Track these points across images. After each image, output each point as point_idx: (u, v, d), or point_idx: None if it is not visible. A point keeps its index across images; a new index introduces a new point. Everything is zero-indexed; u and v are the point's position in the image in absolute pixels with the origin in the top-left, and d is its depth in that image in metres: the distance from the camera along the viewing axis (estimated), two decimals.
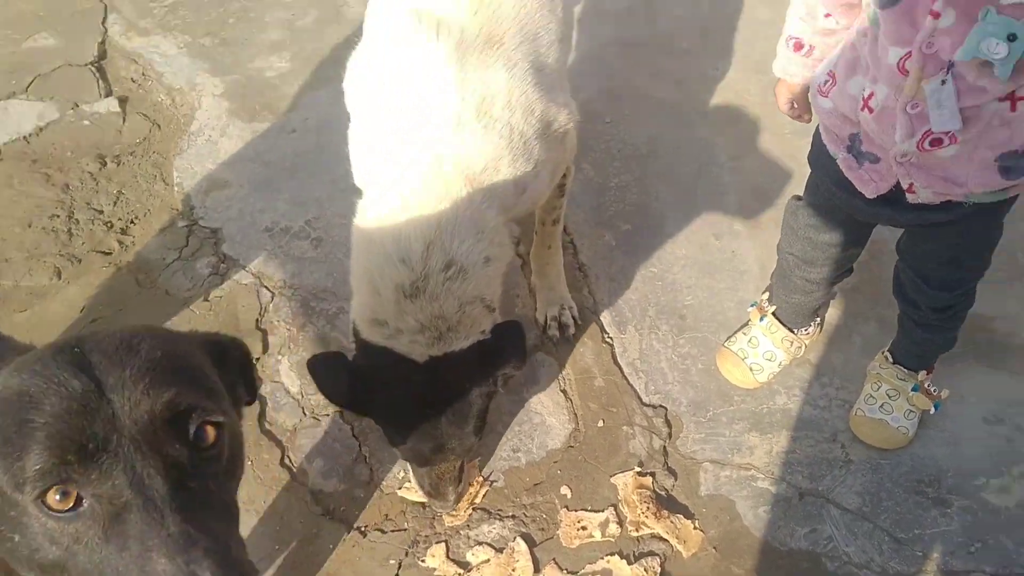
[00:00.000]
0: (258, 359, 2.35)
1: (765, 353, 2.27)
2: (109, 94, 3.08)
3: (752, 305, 2.35)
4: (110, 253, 2.60)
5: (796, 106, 1.97)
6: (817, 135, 1.89)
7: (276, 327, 2.43)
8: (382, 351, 1.80)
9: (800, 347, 2.29)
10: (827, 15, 1.75)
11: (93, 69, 3.16)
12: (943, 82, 1.54)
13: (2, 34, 3.31)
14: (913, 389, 2.14)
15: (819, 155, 1.89)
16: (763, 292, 2.34)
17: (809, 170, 1.99)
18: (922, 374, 2.14)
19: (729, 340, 2.33)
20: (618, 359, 2.37)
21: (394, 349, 1.79)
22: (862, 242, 2.05)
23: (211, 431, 1.06)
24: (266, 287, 2.51)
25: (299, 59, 3.19)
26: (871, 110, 1.66)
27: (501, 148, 1.79)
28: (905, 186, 1.73)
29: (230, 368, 1.25)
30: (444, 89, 1.75)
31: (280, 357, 2.36)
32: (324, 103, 3.01)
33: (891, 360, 2.17)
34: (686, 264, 2.57)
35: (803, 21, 1.80)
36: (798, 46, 1.85)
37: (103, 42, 3.27)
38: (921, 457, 2.15)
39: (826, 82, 1.77)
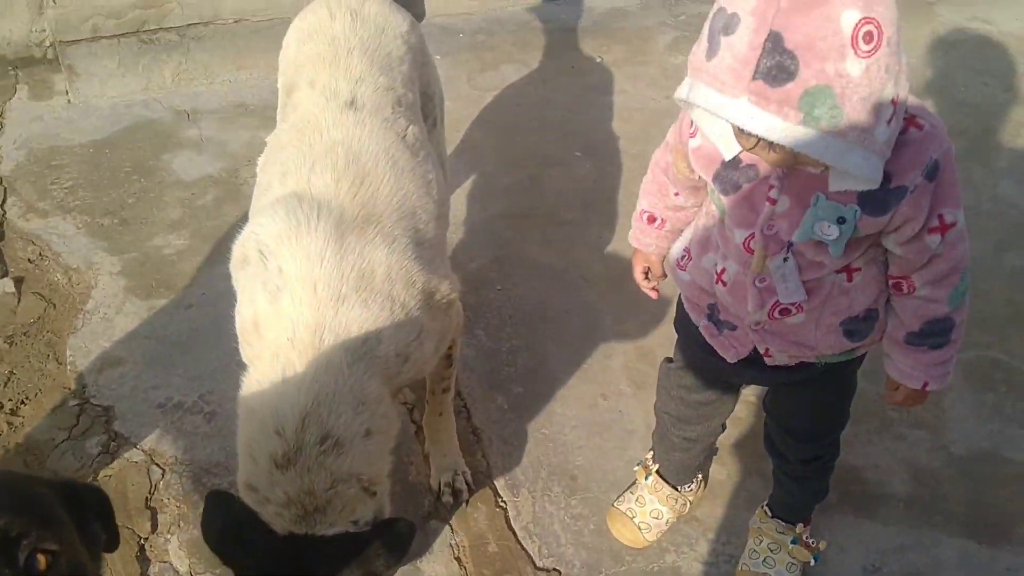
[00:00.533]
0: (146, 539, 2.32)
1: (652, 511, 2.33)
2: (5, 275, 3.09)
3: (638, 464, 2.43)
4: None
5: (649, 277, 2.10)
6: (680, 303, 2.03)
7: (166, 505, 2.40)
8: (252, 520, 1.76)
9: (685, 504, 2.36)
10: (676, 193, 1.92)
11: None
12: (785, 259, 1.70)
13: None
14: (792, 542, 2.22)
15: (683, 322, 2.02)
16: (649, 451, 2.43)
17: None
18: (799, 526, 2.23)
19: (618, 500, 2.39)
20: (512, 523, 2.40)
21: (260, 516, 1.76)
22: (731, 400, 2.17)
23: (43, 559, 1.09)
24: (157, 464, 2.50)
25: (197, 236, 3.27)
26: (724, 284, 1.80)
27: (382, 319, 1.85)
28: (762, 351, 1.86)
29: (87, 512, 1.28)
30: (324, 265, 1.82)
31: (169, 536, 2.33)
32: (221, 278, 3.03)
33: (770, 514, 2.26)
34: (576, 425, 2.66)
35: (655, 197, 1.97)
36: (651, 219, 2.00)
37: (1, 223, 3.30)
38: None
39: (683, 257, 1.92)
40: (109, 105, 3.86)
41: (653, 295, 2.11)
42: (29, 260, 3.17)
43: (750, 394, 2.69)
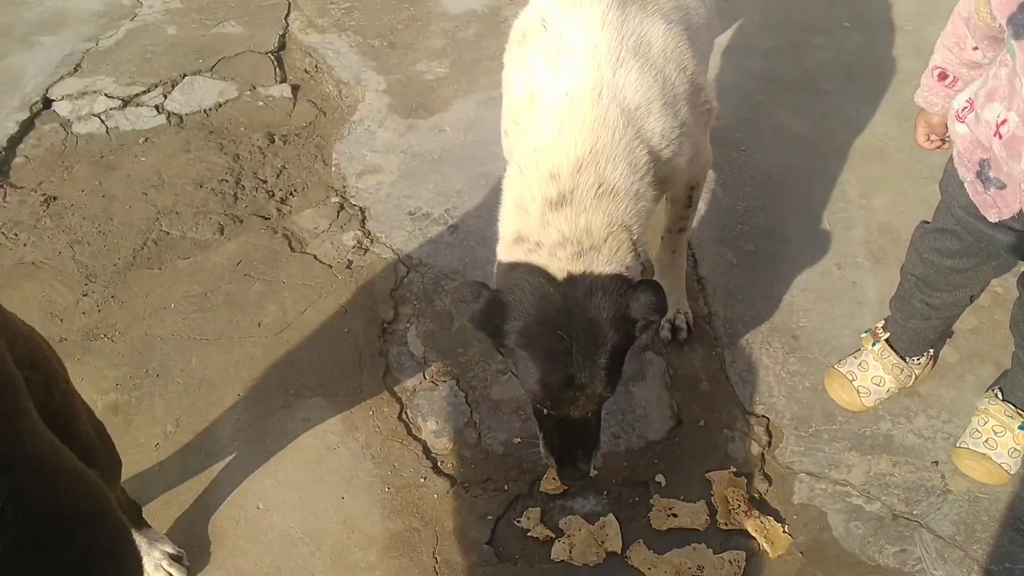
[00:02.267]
0: (389, 324, 2.53)
1: (874, 378, 2.30)
2: (284, 81, 3.37)
3: (866, 331, 2.39)
4: (268, 218, 2.84)
5: (932, 138, 2.04)
6: (950, 160, 1.95)
7: (407, 299, 2.61)
8: (520, 267, 1.76)
9: (910, 376, 2.32)
10: (975, 48, 1.82)
11: (272, 57, 3.46)
12: None
13: (195, 18, 3.67)
14: (1020, 428, 2.14)
15: (949, 180, 1.94)
16: (880, 321, 2.38)
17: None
18: None
19: (839, 362, 2.38)
20: (727, 368, 2.44)
21: (532, 263, 1.74)
22: (984, 271, 2.07)
23: None
24: (403, 263, 2.70)
25: (457, 66, 3.41)
26: (1001, 136, 1.71)
27: (655, 91, 1.85)
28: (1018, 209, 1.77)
29: None
30: (605, 28, 1.84)
31: (408, 325, 2.53)
32: (473, 107, 3.22)
33: (1000, 397, 2.18)
34: (805, 288, 2.63)
35: (951, 51, 1.88)
36: (943, 76, 1.92)
37: (284, 34, 3.57)
38: (1022, 496, 2.14)
39: (964, 108, 1.84)
40: None
41: (944, 147, 2.04)
42: (305, 71, 3.43)
43: (999, 285, 2.57)
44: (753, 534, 2.08)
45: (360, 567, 2.04)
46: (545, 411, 1.82)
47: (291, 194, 2.94)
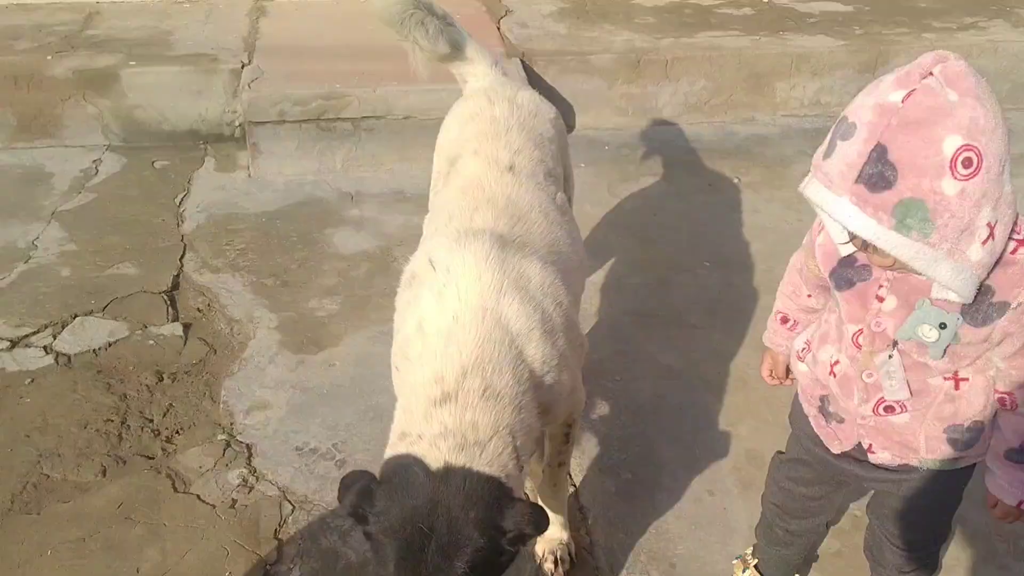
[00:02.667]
0: (271, 566, 2.52)
1: None
2: (176, 319, 3.46)
3: (737, 558, 2.50)
4: (153, 458, 2.85)
5: (774, 375, 2.24)
6: (796, 396, 2.14)
7: (292, 538, 2.61)
8: (398, 458, 1.79)
9: None
10: (809, 295, 2.05)
11: (165, 297, 3.57)
12: (890, 356, 1.81)
13: (90, 260, 3.77)
14: None
15: (796, 413, 2.13)
16: (749, 547, 2.50)
17: None
18: None
19: None
20: None
21: (411, 453, 1.78)
22: (836, 497, 2.23)
23: None
24: (288, 500, 2.72)
25: (348, 303, 3.58)
26: (836, 375, 1.92)
27: (535, 320, 2.01)
28: (865, 446, 1.95)
29: None
30: (489, 263, 2.01)
31: (292, 566, 2.52)
32: (364, 341, 3.35)
33: None
34: (680, 515, 2.75)
35: (789, 298, 2.11)
36: (784, 320, 2.15)
37: (178, 275, 3.70)
38: None
39: (803, 348, 2.05)
40: (284, 182, 4.29)
41: (787, 383, 2.24)
42: (198, 309, 3.53)
43: (857, 508, 2.74)
44: None
45: None
46: None
47: (177, 432, 2.96)
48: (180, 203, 4.16)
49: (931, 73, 1.53)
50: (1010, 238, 1.67)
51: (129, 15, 5.11)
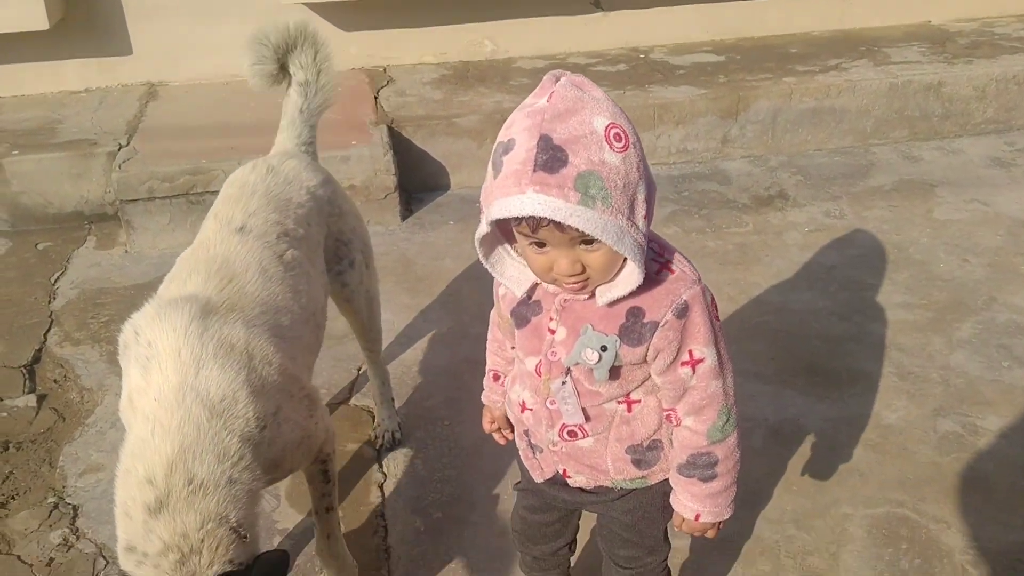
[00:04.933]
0: None
1: None
2: (32, 391, 3.62)
3: None
4: None
5: (498, 427, 2.34)
6: None
7: None
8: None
9: None
10: (512, 346, 2.18)
11: (24, 371, 3.73)
12: (563, 382, 1.95)
13: None
14: None
15: (519, 448, 2.27)
16: None
17: None
18: None
19: None
20: None
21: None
22: (569, 523, 2.36)
23: None
24: (104, 556, 2.85)
25: None
26: (529, 410, 2.06)
27: (239, 382, 2.10)
28: (561, 471, 2.10)
29: None
30: (188, 336, 2.11)
31: None
32: None
33: None
34: (483, 550, 2.87)
35: (496, 355, 2.24)
36: (496, 376, 2.27)
37: (40, 349, 3.86)
38: None
39: (504, 392, 2.20)
40: (158, 255, 4.48)
41: (502, 441, 2.35)
42: (55, 380, 3.69)
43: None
44: None
45: None
46: None
47: (12, 498, 3.10)
48: (55, 281, 4.34)
49: (558, 80, 1.70)
50: (654, 260, 1.84)
51: (26, 107, 5.36)
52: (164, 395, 2.06)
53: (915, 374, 3.58)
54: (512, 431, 2.32)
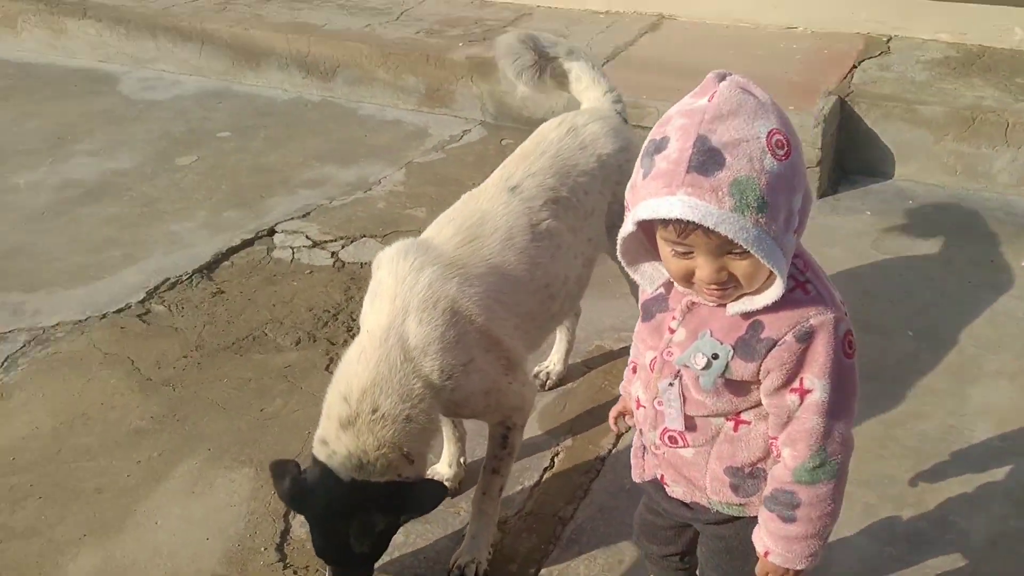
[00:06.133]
0: None
1: None
2: None
3: None
4: (331, 343, 3.71)
5: (618, 421, 2.26)
6: None
7: None
8: (319, 464, 2.36)
9: None
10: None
11: None
12: (671, 384, 1.91)
13: (402, 201, 4.75)
14: None
15: None
16: None
17: None
18: None
19: None
20: None
21: (328, 465, 2.35)
22: (683, 534, 2.23)
23: None
24: None
25: None
26: (642, 407, 2.02)
27: (433, 337, 2.38)
28: (658, 476, 2.04)
29: None
30: (403, 284, 2.42)
31: None
32: None
33: None
34: None
35: (635, 347, 2.12)
36: (634, 369, 2.14)
37: None
38: None
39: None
40: None
41: (613, 429, 2.28)
42: None
43: None
44: None
45: None
46: None
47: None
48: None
49: (722, 79, 1.65)
50: (792, 276, 1.72)
51: (550, 18, 6.03)
52: (375, 330, 2.42)
53: None
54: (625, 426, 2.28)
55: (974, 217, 4.34)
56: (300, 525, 2.83)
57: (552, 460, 3.12)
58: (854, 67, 5.01)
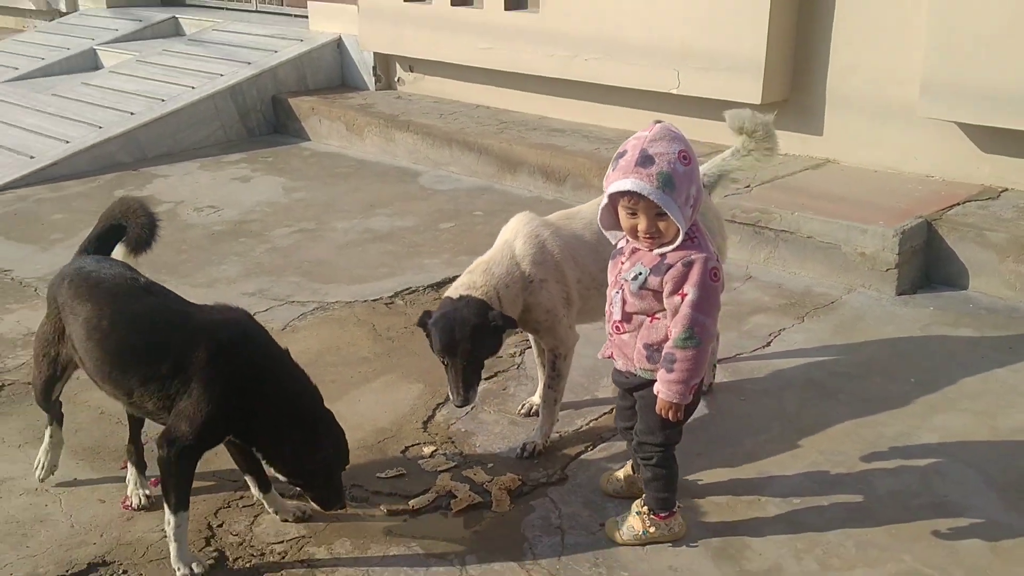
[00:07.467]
0: None
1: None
2: None
3: None
4: None
5: None
6: None
7: None
8: (447, 293, 3.86)
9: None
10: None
11: None
12: (617, 292, 3.50)
13: None
14: (636, 513, 3.63)
15: None
16: None
17: None
18: (640, 503, 3.62)
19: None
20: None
21: (449, 295, 3.80)
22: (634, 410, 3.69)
23: None
24: None
25: None
26: (608, 311, 3.61)
27: (530, 254, 3.87)
28: (608, 355, 3.59)
29: None
30: (519, 222, 4.13)
31: None
32: None
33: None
34: None
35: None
36: None
37: None
38: None
39: None
40: None
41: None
42: None
43: None
44: None
45: None
46: (444, 363, 3.81)
47: None
48: None
49: (658, 123, 3.32)
50: (688, 236, 3.27)
51: None
52: (495, 244, 4.17)
53: None
54: None
55: (1018, 322, 5.33)
56: (439, 415, 4.58)
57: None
58: (957, 204, 6.15)
